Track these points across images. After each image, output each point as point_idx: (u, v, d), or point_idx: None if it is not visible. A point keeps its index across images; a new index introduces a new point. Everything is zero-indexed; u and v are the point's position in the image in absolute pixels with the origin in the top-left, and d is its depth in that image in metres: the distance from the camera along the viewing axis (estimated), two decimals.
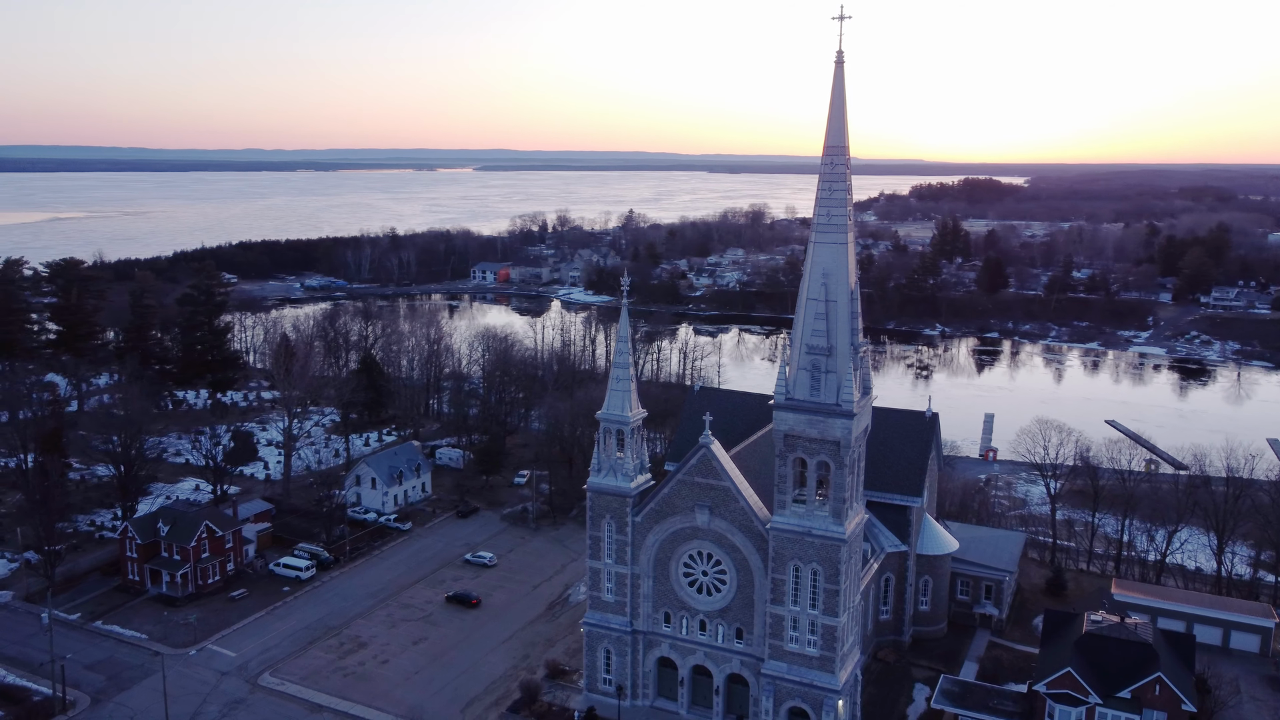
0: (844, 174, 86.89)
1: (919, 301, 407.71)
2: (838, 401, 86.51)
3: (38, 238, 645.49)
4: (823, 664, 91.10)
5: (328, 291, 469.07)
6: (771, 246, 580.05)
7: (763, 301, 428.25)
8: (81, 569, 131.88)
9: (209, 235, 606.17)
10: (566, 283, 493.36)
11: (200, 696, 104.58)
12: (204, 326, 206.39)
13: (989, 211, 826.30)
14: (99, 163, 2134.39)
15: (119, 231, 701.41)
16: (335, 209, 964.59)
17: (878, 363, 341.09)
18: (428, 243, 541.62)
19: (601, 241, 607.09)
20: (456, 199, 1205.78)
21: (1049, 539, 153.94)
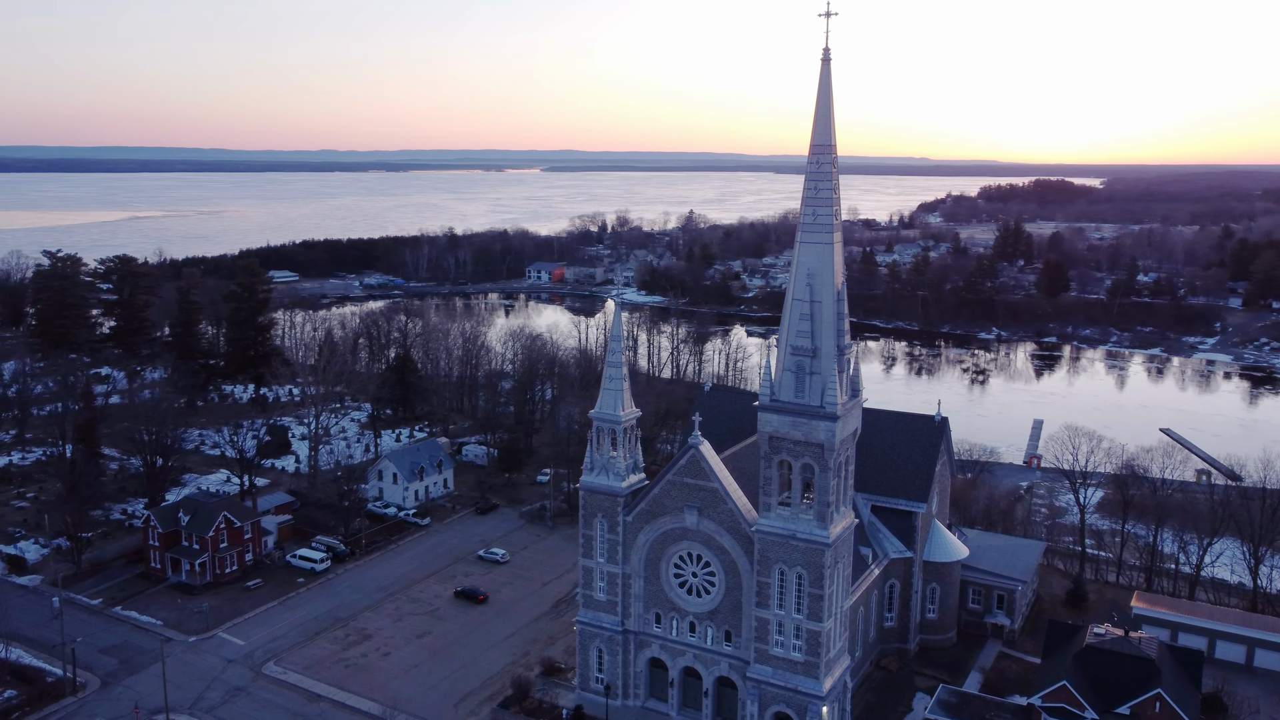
0: (830, 173, 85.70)
1: (975, 305, 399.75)
2: (822, 403, 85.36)
3: (115, 235, 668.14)
4: (807, 669, 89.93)
5: (385, 290, 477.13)
6: None
7: None
8: (108, 556, 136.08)
9: (277, 234, 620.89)
10: (620, 283, 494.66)
11: (205, 682, 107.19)
12: (247, 323, 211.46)
13: (1058, 213, 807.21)
14: (180, 163, 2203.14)
15: (192, 230, 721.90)
16: (401, 209, 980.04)
17: (932, 366, 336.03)
18: (484, 242, 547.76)
19: (659, 242, 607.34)
20: (521, 199, 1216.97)
21: (1094, 549, 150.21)
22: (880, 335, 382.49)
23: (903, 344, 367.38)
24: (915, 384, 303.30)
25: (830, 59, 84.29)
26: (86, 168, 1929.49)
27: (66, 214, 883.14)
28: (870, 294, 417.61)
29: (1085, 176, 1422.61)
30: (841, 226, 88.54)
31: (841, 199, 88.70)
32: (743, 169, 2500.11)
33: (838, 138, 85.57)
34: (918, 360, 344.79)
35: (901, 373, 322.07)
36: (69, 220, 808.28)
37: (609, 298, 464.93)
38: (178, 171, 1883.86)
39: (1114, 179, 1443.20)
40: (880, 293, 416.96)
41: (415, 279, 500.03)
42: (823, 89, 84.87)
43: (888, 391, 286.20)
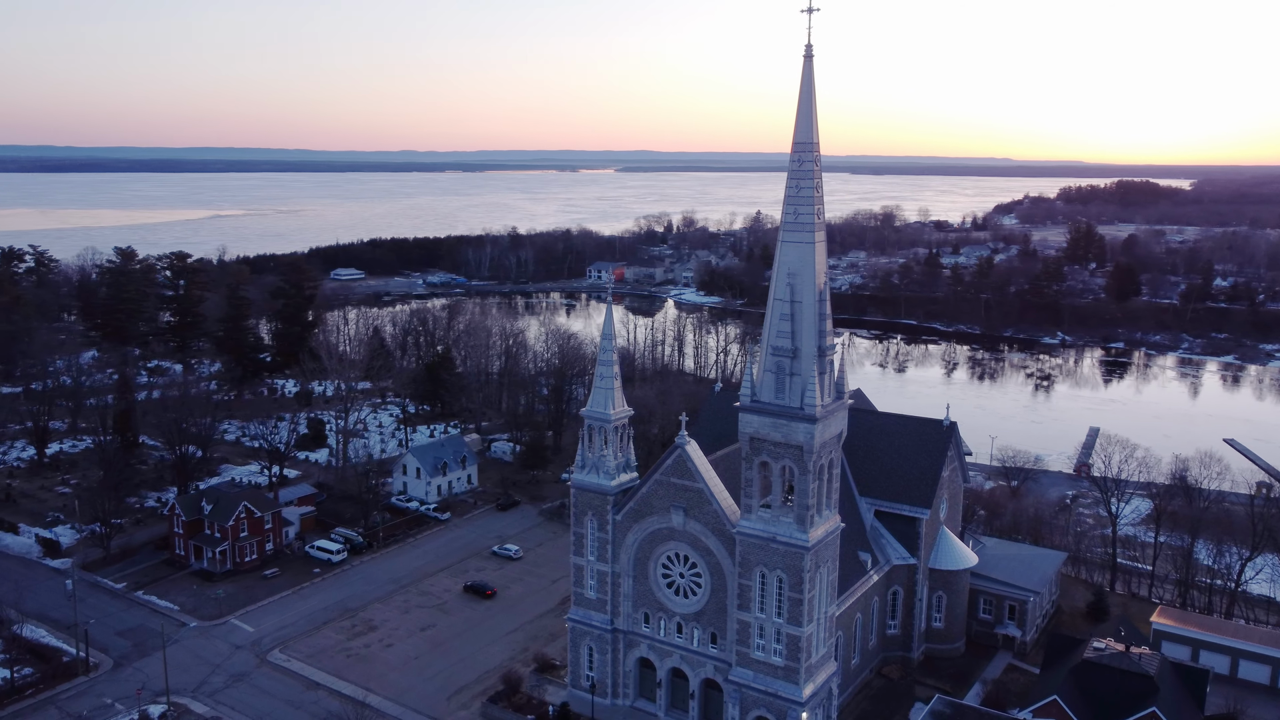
0: (812, 171, 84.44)
1: (1040, 308, 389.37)
2: (801, 405, 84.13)
3: (196, 233, 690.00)
4: (787, 674, 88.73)
5: (448, 288, 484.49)
6: (895, 249, 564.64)
7: (875, 305, 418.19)
8: (137, 542, 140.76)
9: (349, 233, 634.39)
10: (679, 283, 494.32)
11: (210, 667, 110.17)
12: (293, 319, 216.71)
13: (1138, 215, 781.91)
14: (265, 164, 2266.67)
15: (269, 229, 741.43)
16: (473, 208, 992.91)
17: (994, 371, 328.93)
18: (547, 242, 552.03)
19: (722, 243, 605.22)
20: (592, 199, 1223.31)
21: (1133, 561, 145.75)
22: (941, 339, 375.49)
23: (965, 348, 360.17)
24: (974, 389, 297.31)
25: (812, 55, 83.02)
26: (177, 168, 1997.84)
27: (153, 212, 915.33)
28: (932, 297, 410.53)
29: (1174, 178, 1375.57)
30: (824, 225, 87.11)
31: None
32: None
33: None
34: (980, 364, 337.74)
35: (962, 377, 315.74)
36: (154, 218, 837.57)
37: (668, 298, 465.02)
38: (262, 171, 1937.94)
39: (1204, 180, 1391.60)
40: (942, 295, 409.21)
41: (477, 278, 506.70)
42: (805, 86, 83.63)
43: (942, 396, 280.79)
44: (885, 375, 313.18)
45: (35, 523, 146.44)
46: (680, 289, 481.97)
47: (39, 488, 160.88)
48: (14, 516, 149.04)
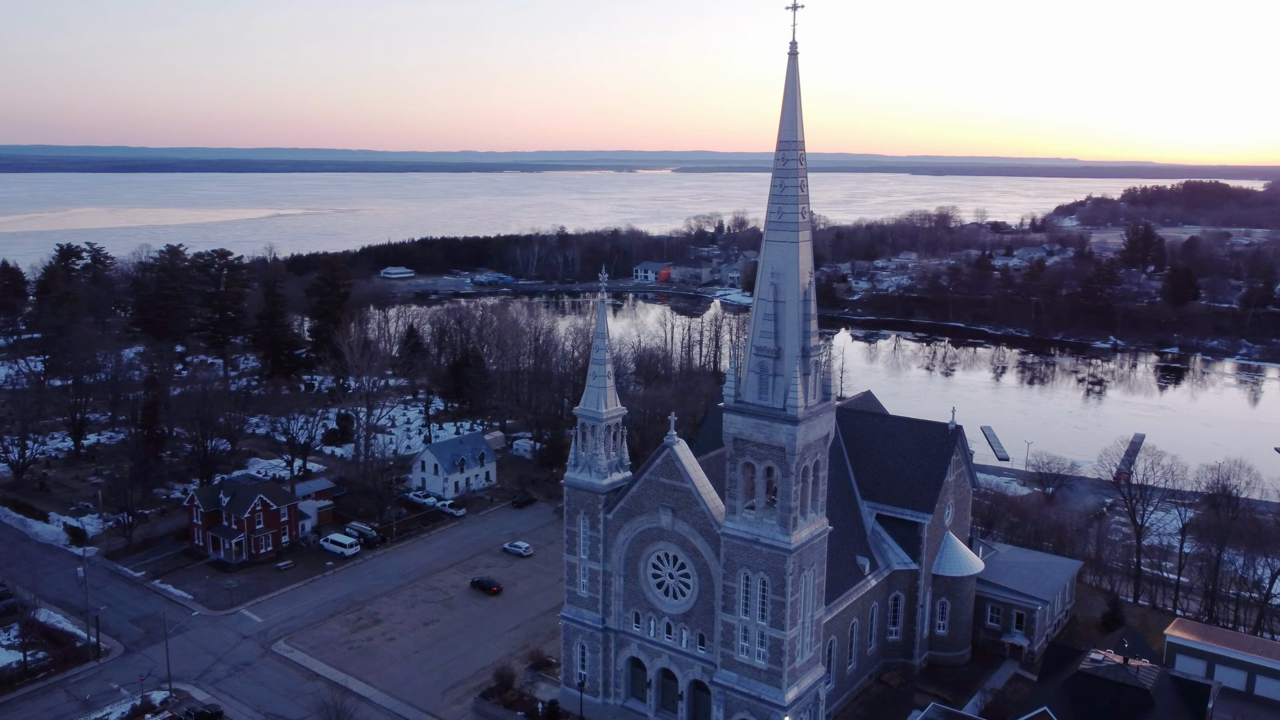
0: (796, 170, 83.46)
1: (1092, 312, 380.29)
2: (784, 406, 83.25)
3: (256, 232, 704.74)
4: (770, 677, 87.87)
5: (495, 287, 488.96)
6: (948, 251, 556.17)
7: (922, 308, 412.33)
8: (159, 532, 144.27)
9: (404, 232, 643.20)
10: (725, 283, 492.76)
11: (216, 656, 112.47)
12: (328, 315, 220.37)
13: (1204, 218, 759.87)
14: (328, 164, 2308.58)
15: (326, 228, 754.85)
16: (528, 208, 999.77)
17: (1045, 375, 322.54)
18: (594, 242, 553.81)
19: None
20: (646, 200, 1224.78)
21: (1164, 571, 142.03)
22: (989, 342, 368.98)
23: (1014, 352, 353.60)
24: (1019, 393, 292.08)
25: (797, 53, 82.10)
26: (243, 168, 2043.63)
27: (217, 211, 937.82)
28: (980, 299, 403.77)
29: (1247, 178, 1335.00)
30: (810, 225, 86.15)
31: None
32: (878, 170, 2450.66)
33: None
34: (1028, 368, 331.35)
35: (1009, 381, 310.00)
36: (218, 217, 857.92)
37: (714, 298, 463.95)
38: (325, 172, 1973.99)
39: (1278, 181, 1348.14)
40: (991, 298, 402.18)
41: (525, 277, 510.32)
42: (790, 83, 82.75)
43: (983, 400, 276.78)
44: (931, 379, 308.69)
45: (65, 512, 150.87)
46: (726, 289, 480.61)
47: (73, 478, 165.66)
48: (46, 505, 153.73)
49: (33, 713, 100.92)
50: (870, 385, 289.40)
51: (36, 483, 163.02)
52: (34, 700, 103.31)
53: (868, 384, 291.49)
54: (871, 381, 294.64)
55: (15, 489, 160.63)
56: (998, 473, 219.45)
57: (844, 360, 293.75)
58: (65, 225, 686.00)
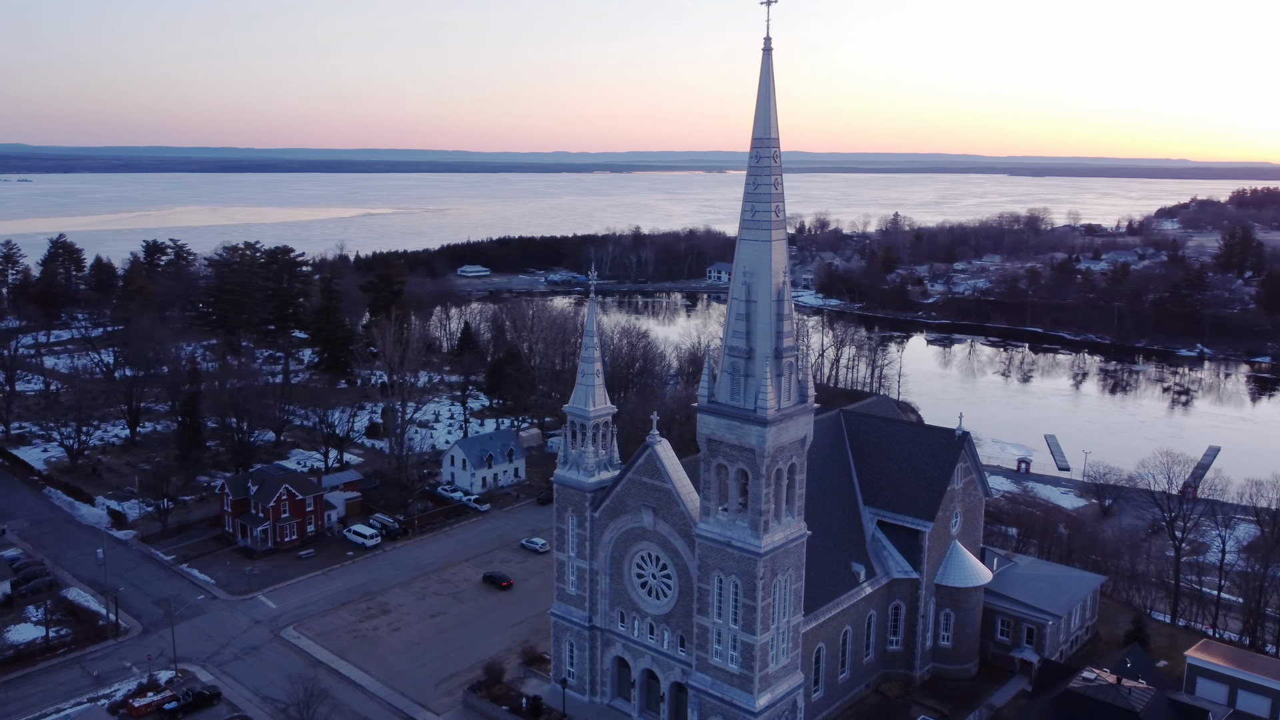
0: (770, 168, 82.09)
1: (1179, 318, 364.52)
2: (754, 407, 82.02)
3: (345, 230, 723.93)
4: (742, 682, 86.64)
5: (568, 286, 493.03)
6: (1033, 254, 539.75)
7: (999, 312, 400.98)
8: (195, 519, 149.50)
9: (487, 231, 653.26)
10: (799, 284, 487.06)
11: (226, 639, 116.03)
12: (382, 312, 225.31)
13: None
14: (423, 165, 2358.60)
15: (412, 226, 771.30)
16: (612, 209, 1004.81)
17: (1126, 384, 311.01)
18: (668, 242, 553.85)
19: (850, 245, 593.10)
20: (731, 200, 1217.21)
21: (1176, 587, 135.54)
22: (1067, 348, 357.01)
23: (1096, 358, 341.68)
24: (1090, 401, 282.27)
25: (771, 49, 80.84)
26: (342, 168, 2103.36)
27: (311, 210, 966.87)
28: (1060, 303, 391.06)
29: None
30: (785, 224, 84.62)
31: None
32: (974, 170, 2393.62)
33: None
34: (1108, 376, 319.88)
35: (1084, 389, 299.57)
36: (311, 216, 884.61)
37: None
38: (420, 172, 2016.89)
39: None
40: (1071, 302, 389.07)
41: (599, 276, 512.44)
42: (764, 80, 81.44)
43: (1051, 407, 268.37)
44: (1006, 385, 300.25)
45: (111, 496, 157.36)
46: (799, 291, 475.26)
47: (125, 464, 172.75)
48: (96, 489, 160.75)
49: (47, 686, 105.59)
50: (940, 390, 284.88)
51: (90, 468, 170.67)
52: (50, 674, 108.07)
53: (938, 389, 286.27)
54: (939, 386, 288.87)
55: (69, 473, 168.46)
56: (1055, 483, 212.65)
57: (901, 363, 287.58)
58: (169, 223, 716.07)
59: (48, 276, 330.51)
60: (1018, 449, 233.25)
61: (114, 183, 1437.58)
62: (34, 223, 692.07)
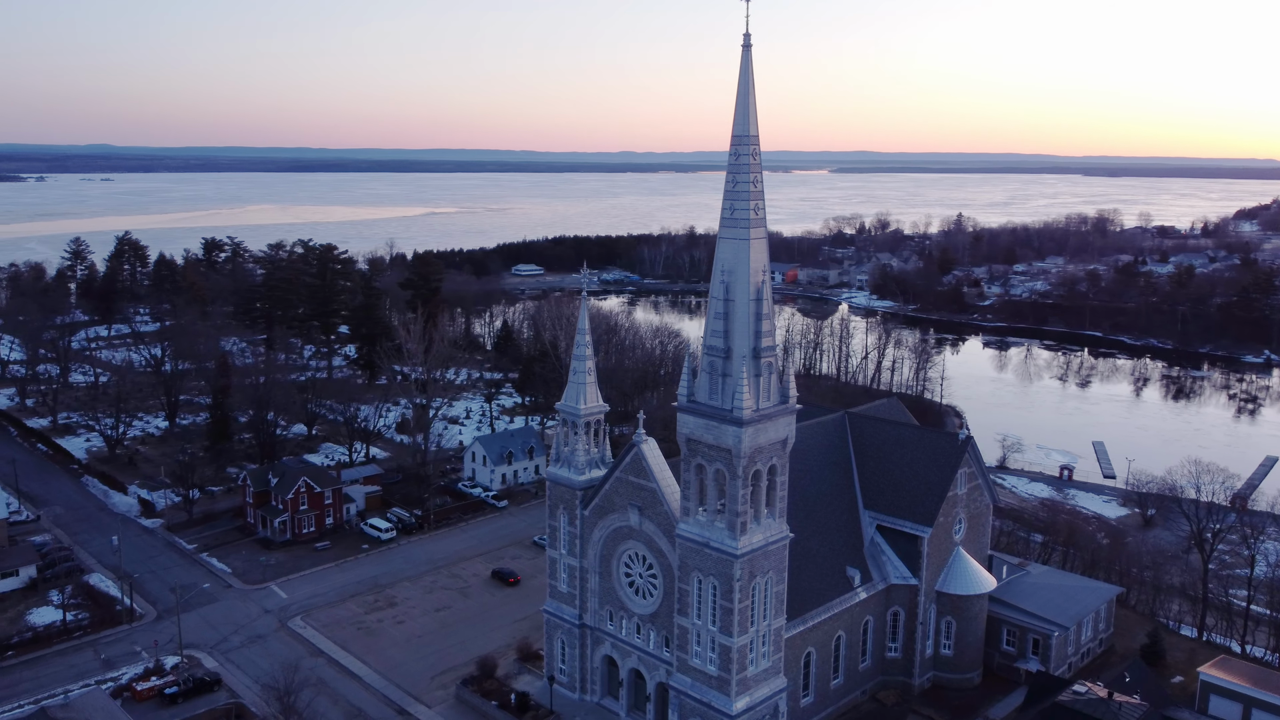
0: (749, 166, 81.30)
1: (1246, 323, 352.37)
2: (731, 407, 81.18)
3: (407, 229, 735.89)
4: (720, 685, 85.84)
5: (620, 285, 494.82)
6: (1098, 256, 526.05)
7: (1057, 315, 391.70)
8: (220, 509, 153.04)
9: (548, 230, 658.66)
10: (853, 285, 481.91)
11: (234, 627, 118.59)
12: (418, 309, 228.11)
13: None
14: (490, 164, 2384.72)
15: (473, 225, 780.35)
16: (674, 208, 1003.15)
17: (1188, 390, 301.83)
18: None
19: (908, 246, 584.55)
20: (794, 200, 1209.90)
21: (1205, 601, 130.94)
22: (1127, 353, 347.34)
23: (1158, 364, 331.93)
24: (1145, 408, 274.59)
25: (750, 45, 79.93)
26: (411, 168, 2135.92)
27: (376, 209, 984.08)
28: (1121, 307, 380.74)
29: None
30: (764, 223, 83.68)
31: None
32: (1048, 170, 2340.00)
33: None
34: (1169, 382, 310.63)
35: (1151, 395, 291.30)
36: (376, 214, 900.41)
37: (841, 300, 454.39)
38: (486, 172, 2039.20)
39: None
40: (1132, 306, 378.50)
41: (651, 276, 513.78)
42: (743, 77, 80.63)
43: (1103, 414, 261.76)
44: (1062, 390, 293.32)
45: (144, 485, 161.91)
46: (853, 292, 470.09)
47: (161, 454, 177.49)
48: (130, 478, 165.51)
49: (60, 668, 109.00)
50: (989, 394, 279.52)
51: (127, 457, 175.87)
52: (64, 656, 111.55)
53: (987, 393, 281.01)
54: (988, 390, 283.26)
55: (107, 462, 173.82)
56: (1098, 491, 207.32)
57: (945, 366, 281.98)
58: (238, 221, 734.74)
59: (111, 273, 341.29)
60: (1062, 455, 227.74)
61: (191, 182, 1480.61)
62: (111, 220, 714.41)
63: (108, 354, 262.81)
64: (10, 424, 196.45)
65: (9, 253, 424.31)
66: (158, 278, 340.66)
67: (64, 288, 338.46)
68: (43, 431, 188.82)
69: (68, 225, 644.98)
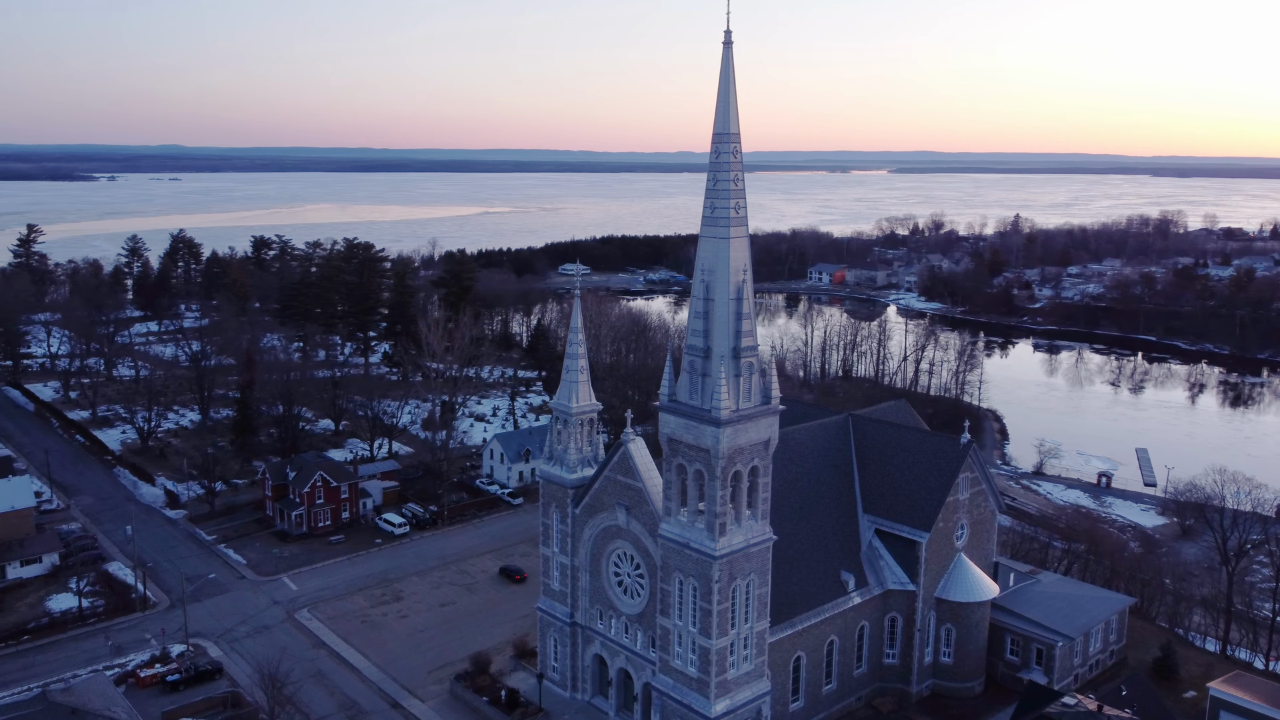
0: (729, 164, 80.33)
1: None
2: (709, 407, 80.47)
3: (461, 228, 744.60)
4: (700, 686, 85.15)
5: (665, 285, 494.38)
6: (1156, 258, 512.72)
7: (1109, 318, 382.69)
8: (241, 502, 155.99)
9: (600, 230, 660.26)
10: (902, 287, 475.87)
11: (242, 617, 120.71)
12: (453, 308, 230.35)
13: None
14: (548, 164, 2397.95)
15: (525, 225, 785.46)
16: None
17: (1247, 397, 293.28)
18: (769, 243, 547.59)
19: (960, 248, 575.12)
20: (850, 200, 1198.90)
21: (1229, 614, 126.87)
22: (1181, 359, 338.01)
23: (1215, 369, 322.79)
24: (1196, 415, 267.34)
25: (731, 42, 79.10)
26: (469, 168, 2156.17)
27: (432, 208, 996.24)
28: (1176, 311, 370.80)
29: None
30: (745, 222, 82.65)
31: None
32: (1115, 171, 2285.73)
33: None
34: (1227, 388, 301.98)
35: (1208, 402, 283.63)
36: (431, 214, 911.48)
37: (889, 302, 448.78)
38: (543, 172, 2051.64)
39: None
40: (1188, 310, 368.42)
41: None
42: (724, 74, 79.79)
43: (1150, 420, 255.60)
44: (1109, 395, 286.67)
45: (172, 477, 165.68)
46: (901, 293, 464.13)
47: (192, 447, 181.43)
48: (160, 469, 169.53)
49: (72, 652, 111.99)
50: (1032, 398, 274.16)
51: (159, 450, 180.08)
52: (77, 642, 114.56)
53: (1030, 397, 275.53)
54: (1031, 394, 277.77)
55: (139, 454, 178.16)
56: (1137, 499, 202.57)
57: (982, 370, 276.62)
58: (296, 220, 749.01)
59: (164, 270, 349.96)
60: (1103, 462, 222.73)
61: (255, 182, 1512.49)
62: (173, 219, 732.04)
63: (157, 349, 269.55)
64: (53, 415, 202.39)
65: (75, 249, 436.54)
66: (208, 274, 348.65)
67: (120, 284, 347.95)
68: (82, 423, 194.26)
69: (133, 223, 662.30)
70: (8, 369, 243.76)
